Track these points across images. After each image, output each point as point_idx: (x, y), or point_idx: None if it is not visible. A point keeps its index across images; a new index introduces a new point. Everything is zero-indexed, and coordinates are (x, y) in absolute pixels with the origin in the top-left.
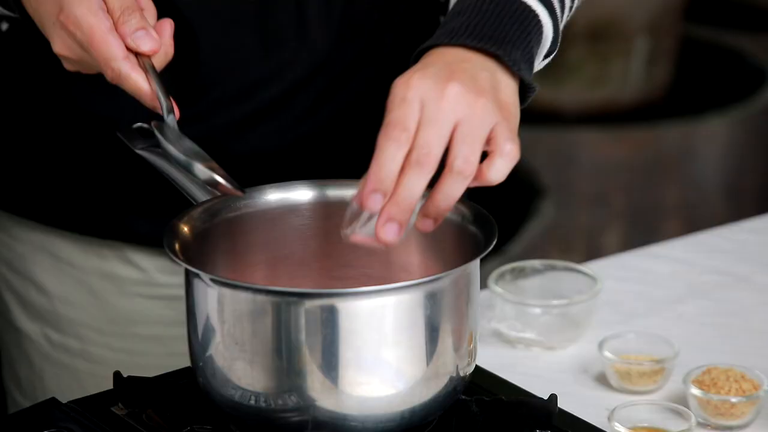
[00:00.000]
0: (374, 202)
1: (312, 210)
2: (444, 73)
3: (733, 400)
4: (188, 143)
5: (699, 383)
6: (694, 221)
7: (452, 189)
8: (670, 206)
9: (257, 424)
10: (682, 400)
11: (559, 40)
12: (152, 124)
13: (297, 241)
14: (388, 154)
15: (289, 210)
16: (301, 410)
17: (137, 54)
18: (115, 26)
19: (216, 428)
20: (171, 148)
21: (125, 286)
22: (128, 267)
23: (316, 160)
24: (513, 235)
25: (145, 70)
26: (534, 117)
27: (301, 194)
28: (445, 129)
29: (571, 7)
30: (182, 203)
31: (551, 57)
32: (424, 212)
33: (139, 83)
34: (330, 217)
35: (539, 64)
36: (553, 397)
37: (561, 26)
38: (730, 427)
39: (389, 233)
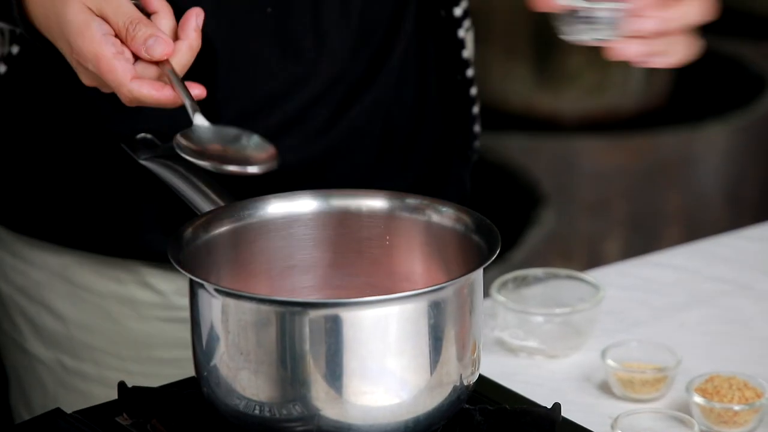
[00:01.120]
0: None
1: (316, 219)
2: None
3: (736, 408)
4: (224, 131)
5: (702, 391)
6: (694, 228)
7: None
8: (670, 213)
9: None
10: (685, 408)
11: None
12: (174, 143)
13: (301, 251)
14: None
15: (294, 220)
16: (305, 420)
17: (155, 63)
18: (126, 43)
19: None
20: (193, 161)
21: (143, 309)
22: (146, 290)
23: (339, 170)
24: (514, 243)
25: (168, 78)
26: (534, 124)
27: (305, 204)
28: None
29: None
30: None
31: None
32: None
33: (155, 95)
34: (334, 227)
35: None
36: (556, 406)
37: None
38: None
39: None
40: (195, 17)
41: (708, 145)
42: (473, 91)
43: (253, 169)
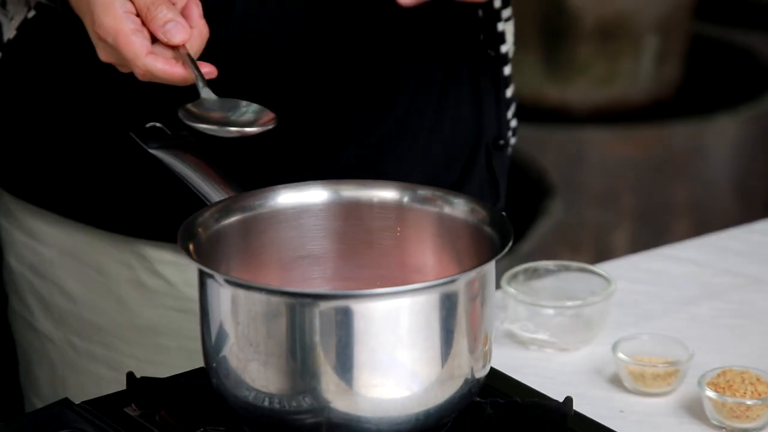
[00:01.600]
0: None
1: (326, 210)
2: None
3: (749, 402)
4: (229, 102)
5: (714, 386)
6: (703, 220)
7: None
8: (679, 205)
9: (271, 425)
10: (697, 402)
11: None
12: (179, 112)
13: (311, 242)
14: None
15: (304, 210)
16: (315, 412)
17: (172, 46)
18: (146, 23)
19: (229, 430)
20: (197, 126)
21: (152, 296)
22: (155, 278)
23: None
24: (522, 234)
25: (182, 60)
26: (543, 116)
27: (316, 195)
28: None
29: None
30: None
31: None
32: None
33: (168, 71)
34: (344, 218)
35: None
36: (568, 400)
37: None
38: (746, 430)
39: None
40: (196, 6)
41: (717, 136)
42: (507, 70)
43: (251, 130)
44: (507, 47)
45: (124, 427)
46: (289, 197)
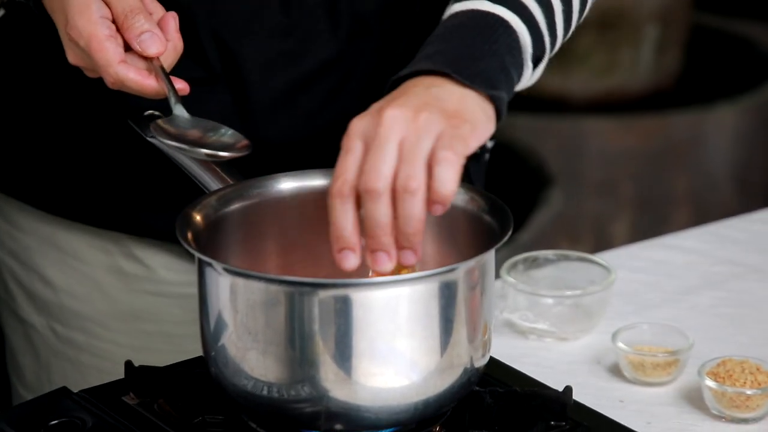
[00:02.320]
0: (348, 261)
1: (325, 199)
2: (381, 104)
3: (749, 392)
4: (203, 123)
5: (714, 375)
6: (703, 210)
7: (408, 210)
8: (679, 195)
9: (270, 414)
10: (697, 391)
11: (548, 41)
12: (152, 125)
13: (310, 230)
14: (340, 214)
15: (303, 199)
16: (314, 401)
17: (146, 58)
18: (121, 31)
19: (228, 418)
20: (168, 143)
21: (131, 282)
22: (133, 263)
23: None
24: (521, 224)
25: (155, 72)
26: (543, 105)
27: (315, 183)
28: (389, 151)
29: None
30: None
31: (546, 58)
32: (398, 244)
33: (140, 82)
34: None
35: (528, 69)
36: (567, 389)
37: (544, 28)
38: (746, 420)
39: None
40: (173, 20)
41: (717, 126)
42: None
43: (224, 154)
44: None
45: (122, 416)
46: (288, 186)
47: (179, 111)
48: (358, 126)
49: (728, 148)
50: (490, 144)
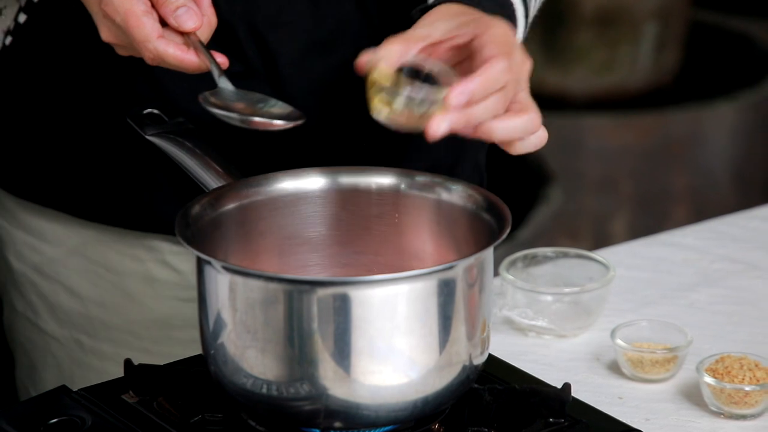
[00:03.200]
0: (459, 99)
1: (324, 197)
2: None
3: (747, 388)
4: (250, 95)
5: (712, 371)
6: (702, 207)
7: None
8: (678, 192)
9: (269, 412)
10: (695, 388)
11: None
12: (199, 97)
13: (309, 228)
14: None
15: (302, 197)
16: (313, 399)
17: (182, 33)
18: (156, 7)
19: (227, 417)
20: (218, 112)
21: (161, 288)
22: (164, 269)
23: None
24: (521, 221)
25: (194, 47)
26: (542, 102)
27: (313, 181)
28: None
29: None
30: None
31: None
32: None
33: (179, 56)
34: (342, 204)
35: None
36: (566, 386)
37: None
38: (744, 416)
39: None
40: None
41: (716, 123)
42: None
43: (279, 122)
44: None
45: (121, 414)
46: (287, 184)
47: (224, 84)
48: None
49: (727, 145)
50: None
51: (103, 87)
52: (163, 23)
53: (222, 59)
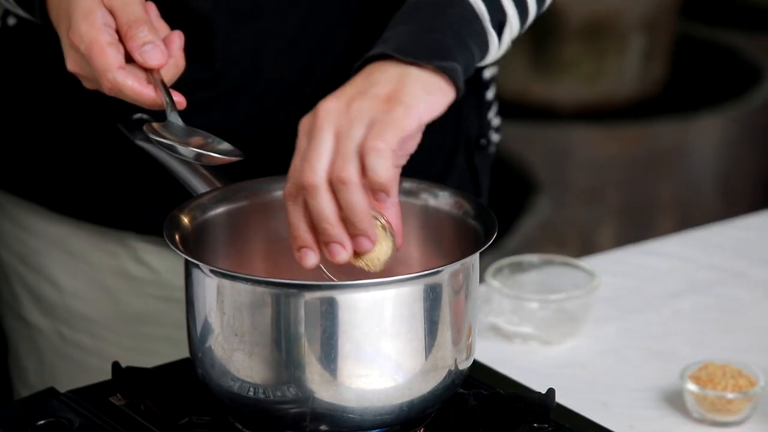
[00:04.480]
0: (308, 259)
1: None
2: (326, 99)
3: (730, 396)
4: (197, 132)
5: (696, 379)
6: (687, 218)
7: (347, 200)
8: (664, 202)
9: (256, 415)
10: (679, 395)
11: (511, 3)
12: (145, 126)
13: None
14: (293, 214)
15: None
16: (299, 402)
17: (146, 69)
18: (124, 41)
19: (214, 419)
20: (161, 140)
21: (138, 285)
22: (140, 266)
23: None
24: (508, 230)
25: (154, 83)
26: (530, 113)
27: None
28: (324, 145)
29: None
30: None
31: (513, 23)
32: (350, 234)
33: (136, 89)
34: None
35: (492, 36)
36: (550, 392)
37: None
38: (727, 423)
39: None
40: (178, 38)
41: (702, 135)
42: (487, 74)
43: (216, 155)
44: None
45: (109, 417)
46: (274, 188)
47: (174, 118)
48: (303, 123)
49: (713, 157)
50: (496, 138)
51: (92, 91)
52: (129, 60)
53: (180, 98)
